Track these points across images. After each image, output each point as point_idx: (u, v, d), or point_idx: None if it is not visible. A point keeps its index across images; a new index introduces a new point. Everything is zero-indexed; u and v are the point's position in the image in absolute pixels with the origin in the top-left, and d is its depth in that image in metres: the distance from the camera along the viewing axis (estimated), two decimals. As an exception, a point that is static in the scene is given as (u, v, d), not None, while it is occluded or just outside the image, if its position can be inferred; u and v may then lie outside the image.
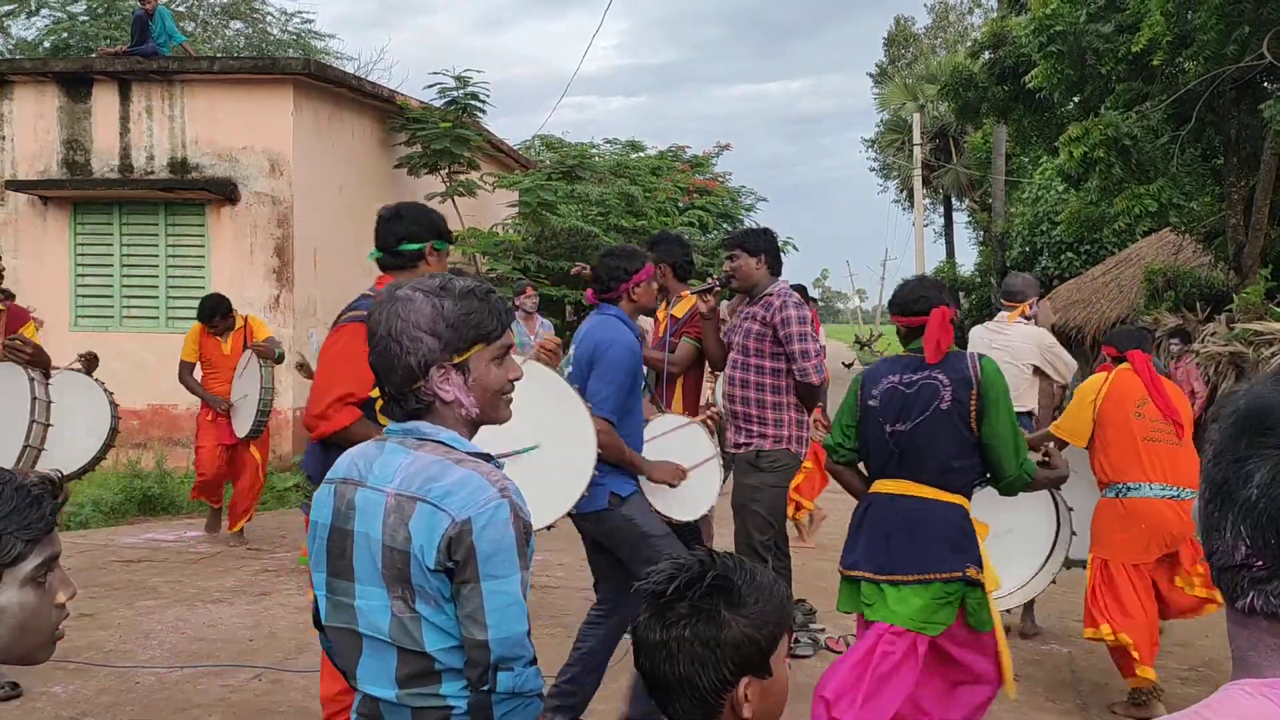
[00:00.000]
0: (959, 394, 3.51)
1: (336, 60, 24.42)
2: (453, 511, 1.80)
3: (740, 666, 1.55)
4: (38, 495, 1.45)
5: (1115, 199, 11.19)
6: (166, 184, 10.76)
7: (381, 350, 1.90)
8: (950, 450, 3.53)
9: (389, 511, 1.85)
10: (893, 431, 3.58)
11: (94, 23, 21.68)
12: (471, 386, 1.93)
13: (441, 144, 12.57)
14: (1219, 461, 1.03)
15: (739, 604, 1.56)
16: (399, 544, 1.83)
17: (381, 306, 1.93)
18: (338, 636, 1.96)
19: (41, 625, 1.47)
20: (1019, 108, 13.66)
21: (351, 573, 1.91)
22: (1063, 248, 20.56)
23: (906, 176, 37.88)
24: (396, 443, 1.93)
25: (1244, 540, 1.00)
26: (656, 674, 1.59)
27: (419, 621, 1.85)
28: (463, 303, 1.91)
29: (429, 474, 1.84)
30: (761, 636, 1.57)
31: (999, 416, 3.52)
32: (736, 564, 1.62)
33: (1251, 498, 0.99)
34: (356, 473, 1.93)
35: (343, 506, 1.93)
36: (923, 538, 3.51)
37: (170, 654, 5.19)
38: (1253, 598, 1.00)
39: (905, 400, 3.58)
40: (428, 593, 1.84)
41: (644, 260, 4.16)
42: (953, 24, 43.25)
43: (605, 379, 3.87)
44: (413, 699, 1.89)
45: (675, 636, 1.56)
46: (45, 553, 1.45)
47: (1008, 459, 3.54)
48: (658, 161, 18.24)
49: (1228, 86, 10.48)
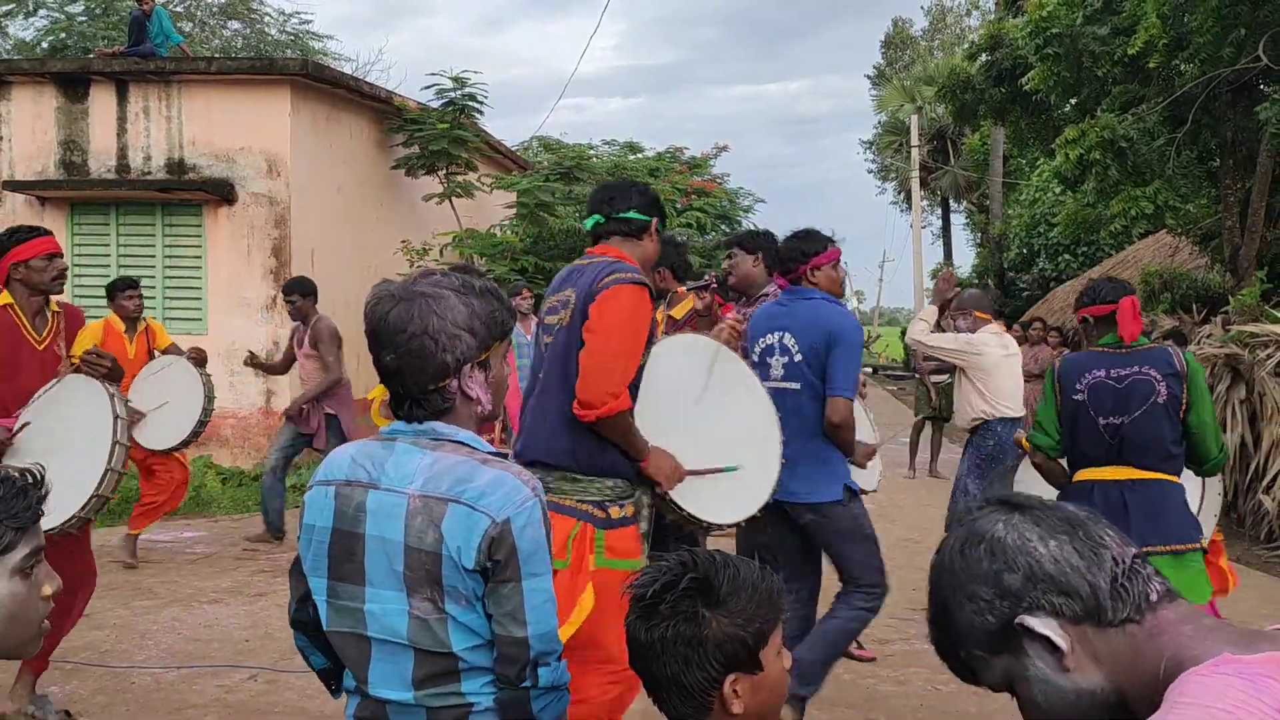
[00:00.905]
0: (1173, 388, 3.79)
1: (334, 61, 24.44)
2: (491, 512, 1.80)
3: (726, 664, 1.58)
4: (23, 486, 1.47)
5: (1112, 201, 11.21)
6: (164, 184, 10.75)
7: (414, 348, 1.85)
8: (1170, 438, 3.82)
9: (413, 513, 1.83)
10: (1108, 424, 3.84)
11: (91, 23, 21.69)
12: (489, 383, 1.95)
13: (439, 145, 12.58)
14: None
15: (719, 603, 1.58)
16: (428, 545, 1.81)
17: (403, 304, 1.87)
18: (342, 642, 1.94)
19: (30, 617, 1.49)
20: (1016, 110, 13.68)
21: (361, 576, 1.88)
22: (1060, 249, 20.60)
23: (904, 178, 37.93)
24: (409, 443, 1.90)
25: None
26: (648, 673, 1.63)
27: (445, 622, 1.84)
28: (486, 300, 1.93)
29: (457, 475, 1.83)
30: (747, 634, 1.58)
31: (1204, 406, 3.86)
32: (720, 563, 1.63)
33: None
34: (364, 474, 1.89)
35: (349, 509, 1.89)
36: (1164, 514, 3.78)
37: (166, 654, 5.20)
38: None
39: (1118, 394, 3.83)
40: (460, 593, 1.83)
41: (825, 244, 4.22)
42: (950, 26, 43.30)
43: (850, 361, 4.04)
44: (431, 699, 1.88)
45: (659, 637, 1.59)
46: (32, 543, 1.47)
47: (1212, 444, 3.86)
48: (656, 163, 18.25)
49: (1224, 89, 10.50)
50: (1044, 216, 20.54)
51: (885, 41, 45.46)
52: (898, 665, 5.23)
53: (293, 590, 2.04)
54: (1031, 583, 1.20)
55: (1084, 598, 1.18)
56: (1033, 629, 1.19)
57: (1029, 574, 1.20)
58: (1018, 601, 1.20)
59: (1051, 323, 13.47)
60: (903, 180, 39.52)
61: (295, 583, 2.02)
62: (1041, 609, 1.19)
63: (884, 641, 5.56)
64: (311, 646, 2.06)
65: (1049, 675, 1.20)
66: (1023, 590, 1.20)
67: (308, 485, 2.00)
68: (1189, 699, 1.03)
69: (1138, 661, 1.16)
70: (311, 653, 2.07)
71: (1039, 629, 1.18)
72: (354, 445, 1.99)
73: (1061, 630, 1.18)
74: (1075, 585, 1.19)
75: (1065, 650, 1.18)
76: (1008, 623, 1.21)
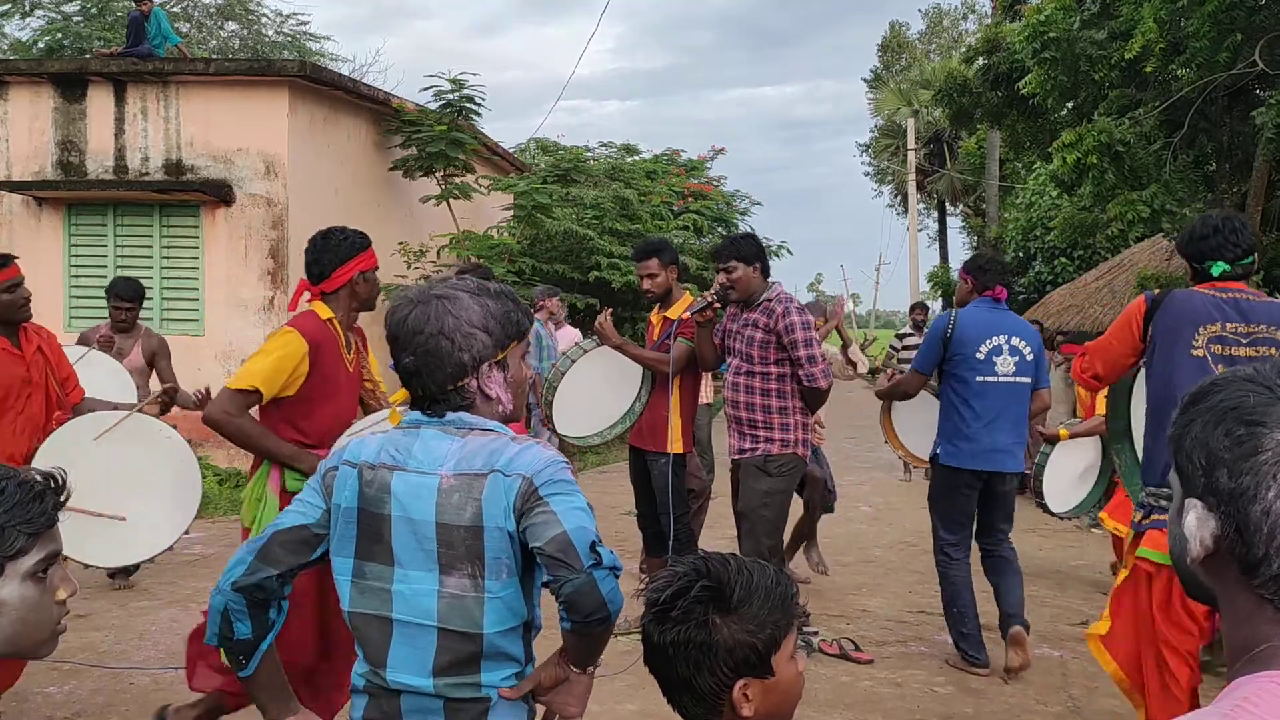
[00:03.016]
0: None
1: (332, 63, 24.44)
2: (522, 471, 1.87)
3: (736, 669, 1.59)
4: (40, 491, 1.47)
5: (1108, 205, 11.23)
6: (161, 185, 10.74)
7: (431, 348, 1.92)
8: None
9: (448, 492, 1.88)
10: None
11: (88, 24, 21.67)
12: (509, 383, 2.01)
13: (437, 147, 12.58)
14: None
15: (731, 609, 1.60)
16: (466, 520, 1.87)
17: (420, 307, 1.95)
18: (364, 624, 1.95)
19: (42, 620, 1.49)
20: (1013, 113, 13.71)
21: (390, 557, 1.91)
22: (1056, 253, 20.60)
23: (901, 181, 37.98)
24: (438, 430, 1.95)
25: None
26: (662, 675, 1.65)
27: (483, 600, 1.88)
28: (501, 301, 1.99)
29: (491, 450, 1.90)
30: (759, 639, 1.59)
31: None
32: (735, 567, 1.64)
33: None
34: (390, 458, 1.93)
35: (372, 491, 1.92)
36: None
37: (165, 655, 5.19)
38: None
39: None
40: (502, 563, 1.88)
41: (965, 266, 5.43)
42: (947, 30, 43.38)
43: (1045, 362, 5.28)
44: (450, 689, 1.90)
45: (671, 641, 1.60)
46: (47, 548, 1.47)
47: None
48: (652, 165, 18.25)
49: (1220, 93, 10.54)
50: (1040, 220, 20.56)
51: (882, 45, 45.51)
52: (895, 667, 5.24)
53: (251, 565, 2.02)
54: (1225, 496, 1.07)
55: (1244, 542, 1.06)
56: (1188, 510, 1.10)
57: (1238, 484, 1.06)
58: (1202, 489, 1.09)
59: (1048, 325, 13.51)
60: (899, 183, 39.58)
61: (258, 562, 2.01)
62: (1210, 505, 1.08)
63: (881, 644, 5.57)
64: (243, 612, 2.01)
65: (1179, 533, 1.11)
66: (1216, 488, 1.07)
67: (332, 466, 2.00)
68: (1251, 706, 0.99)
69: (1236, 627, 1.08)
70: (239, 619, 2.02)
71: (1189, 517, 1.09)
72: (381, 434, 2.02)
73: (1207, 535, 1.08)
74: (1258, 539, 1.05)
75: (1193, 554, 1.09)
76: (1191, 488, 1.10)
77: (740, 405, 5.01)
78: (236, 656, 2.04)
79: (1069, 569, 7.57)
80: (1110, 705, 4.76)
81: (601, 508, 8.46)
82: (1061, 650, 5.61)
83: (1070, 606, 6.57)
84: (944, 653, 5.40)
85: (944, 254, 39.08)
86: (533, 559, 1.90)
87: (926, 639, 5.69)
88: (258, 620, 2.02)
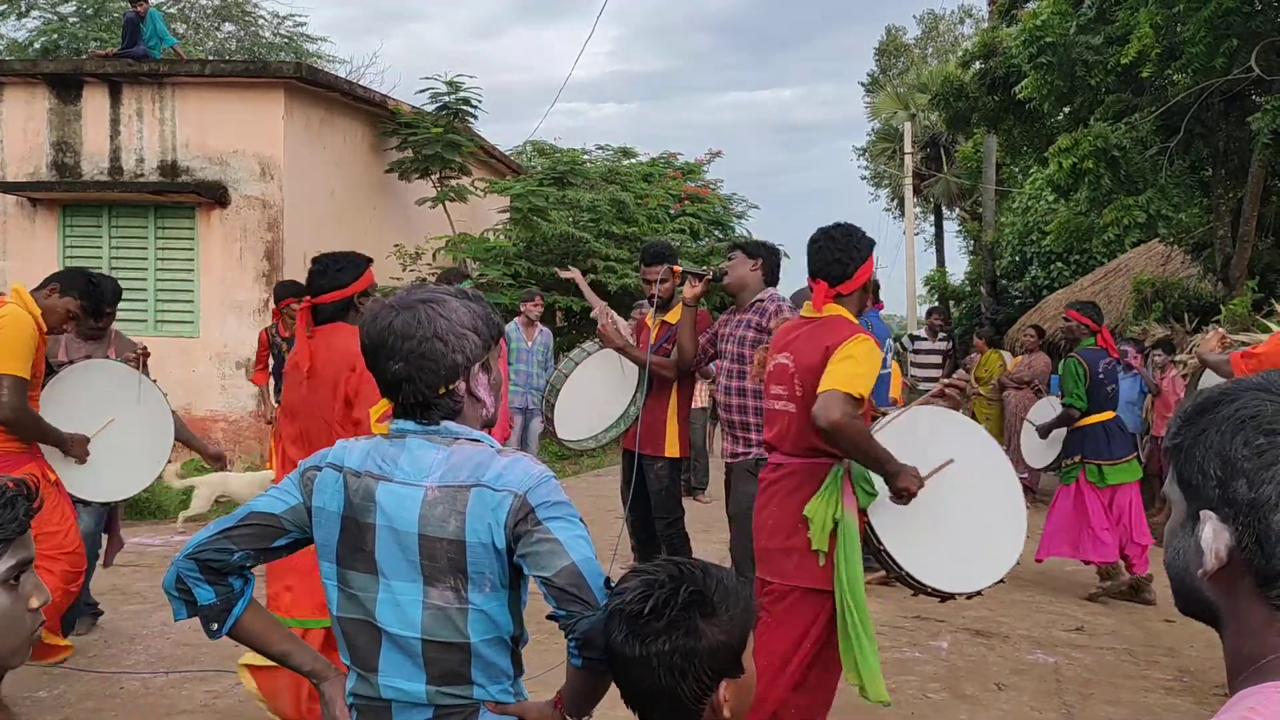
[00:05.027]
0: None
1: (329, 64, 24.39)
2: (512, 488, 1.84)
3: (717, 672, 1.60)
4: (11, 497, 1.44)
5: (1104, 210, 11.22)
6: (156, 187, 10.73)
7: (425, 351, 1.88)
8: None
9: (431, 504, 1.85)
10: None
11: (84, 24, 21.64)
12: (492, 385, 1.99)
13: (433, 149, 12.58)
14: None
15: (712, 614, 1.60)
16: (450, 533, 1.83)
17: (407, 312, 1.90)
18: (354, 629, 1.93)
19: (14, 628, 1.46)
20: (1009, 118, 13.69)
21: (373, 566, 1.89)
22: (1052, 258, 20.60)
23: (897, 185, 37.99)
24: (422, 439, 1.91)
25: None
26: (636, 687, 1.63)
27: (467, 612, 1.85)
28: (480, 303, 1.99)
29: (476, 462, 1.87)
30: (734, 640, 1.61)
31: None
32: (705, 573, 1.65)
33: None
34: (375, 466, 1.90)
35: (357, 498, 1.90)
36: None
37: (155, 659, 5.17)
38: None
39: None
40: (486, 578, 1.84)
41: None
42: (943, 34, 43.43)
43: None
44: (440, 696, 1.88)
45: (655, 651, 1.59)
46: (18, 555, 1.44)
47: None
48: (649, 168, 18.23)
49: (1216, 99, 10.54)
50: (1037, 225, 20.57)
51: (879, 49, 45.53)
52: (889, 673, 5.21)
53: (215, 537, 1.94)
54: (1244, 506, 1.06)
55: (1263, 553, 1.04)
56: (1203, 522, 1.08)
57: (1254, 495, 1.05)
58: (1216, 500, 1.07)
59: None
60: (896, 187, 39.59)
61: (222, 536, 1.94)
62: (1225, 516, 1.07)
63: (875, 649, 5.55)
64: (199, 578, 1.94)
65: (1187, 546, 1.10)
66: (1233, 498, 1.06)
67: (314, 466, 1.97)
68: (1257, 717, 0.99)
69: (1243, 640, 1.07)
70: (198, 585, 1.94)
71: (1206, 528, 1.07)
72: (365, 440, 1.99)
73: (1223, 547, 1.06)
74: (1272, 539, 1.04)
75: (1207, 567, 1.07)
76: (1201, 500, 1.09)
77: (733, 409, 4.99)
78: (209, 624, 2.00)
79: (1063, 575, 7.56)
80: (1106, 712, 4.74)
81: (598, 512, 8.44)
82: (1055, 656, 5.60)
83: (1064, 612, 6.56)
84: (938, 659, 5.38)
85: (940, 258, 39.06)
86: (519, 574, 1.88)
87: (920, 645, 5.68)
88: (218, 587, 1.95)
